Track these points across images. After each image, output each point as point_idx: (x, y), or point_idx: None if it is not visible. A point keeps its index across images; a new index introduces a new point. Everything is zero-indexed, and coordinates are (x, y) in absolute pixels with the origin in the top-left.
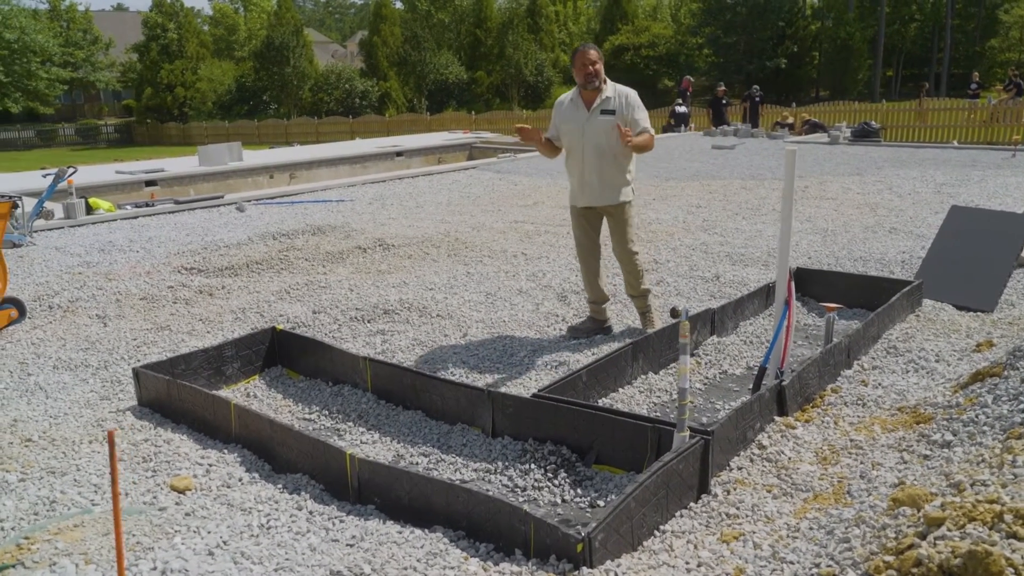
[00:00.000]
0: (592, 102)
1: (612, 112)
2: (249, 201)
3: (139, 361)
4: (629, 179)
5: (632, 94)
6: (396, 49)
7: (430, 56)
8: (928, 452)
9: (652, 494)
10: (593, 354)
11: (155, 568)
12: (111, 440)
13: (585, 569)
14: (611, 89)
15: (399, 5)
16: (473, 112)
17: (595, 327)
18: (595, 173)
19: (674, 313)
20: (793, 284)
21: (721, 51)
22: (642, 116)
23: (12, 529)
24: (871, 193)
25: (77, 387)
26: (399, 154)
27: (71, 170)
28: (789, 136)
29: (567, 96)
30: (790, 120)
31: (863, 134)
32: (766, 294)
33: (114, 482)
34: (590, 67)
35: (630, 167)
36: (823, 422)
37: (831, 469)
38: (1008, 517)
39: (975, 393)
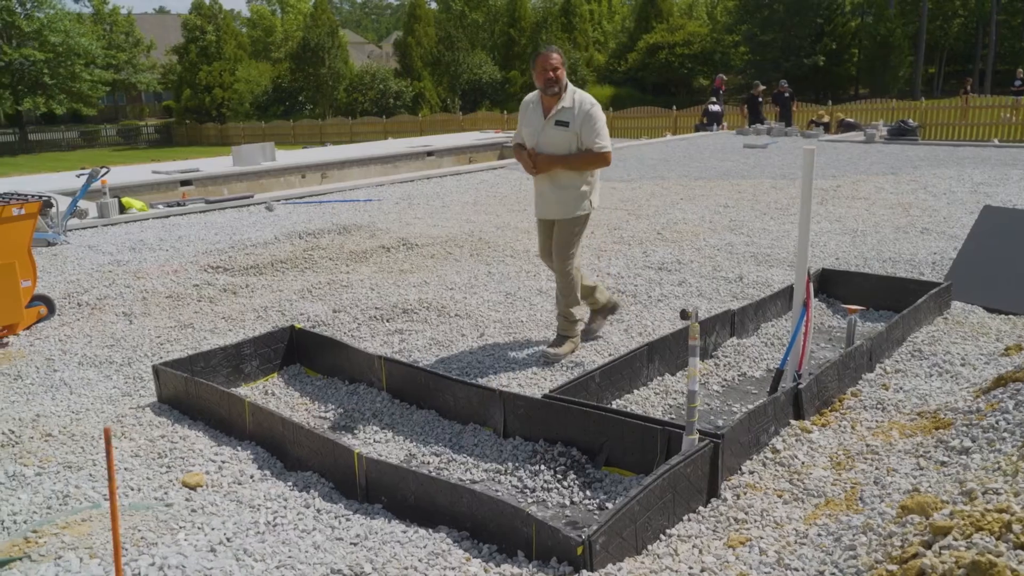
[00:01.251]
0: (550, 110)
1: (566, 124)
2: (278, 200)
3: (161, 358)
4: (585, 191)
5: (592, 107)
6: (430, 49)
7: (464, 56)
8: (946, 458)
9: (658, 497)
10: (610, 355)
11: (153, 564)
12: (107, 437)
13: (585, 572)
14: (570, 99)
15: (433, 5)
16: (505, 112)
17: (602, 317)
18: (548, 184)
19: (684, 315)
20: (812, 285)
21: (757, 49)
22: (591, 132)
23: (24, 522)
24: (905, 193)
25: (101, 383)
26: (430, 154)
27: (104, 170)
28: (824, 135)
29: (532, 97)
30: (825, 119)
31: (900, 132)
32: (789, 295)
33: (111, 479)
34: (551, 72)
35: (588, 178)
36: (840, 426)
37: (845, 474)
38: (1017, 527)
39: (997, 398)
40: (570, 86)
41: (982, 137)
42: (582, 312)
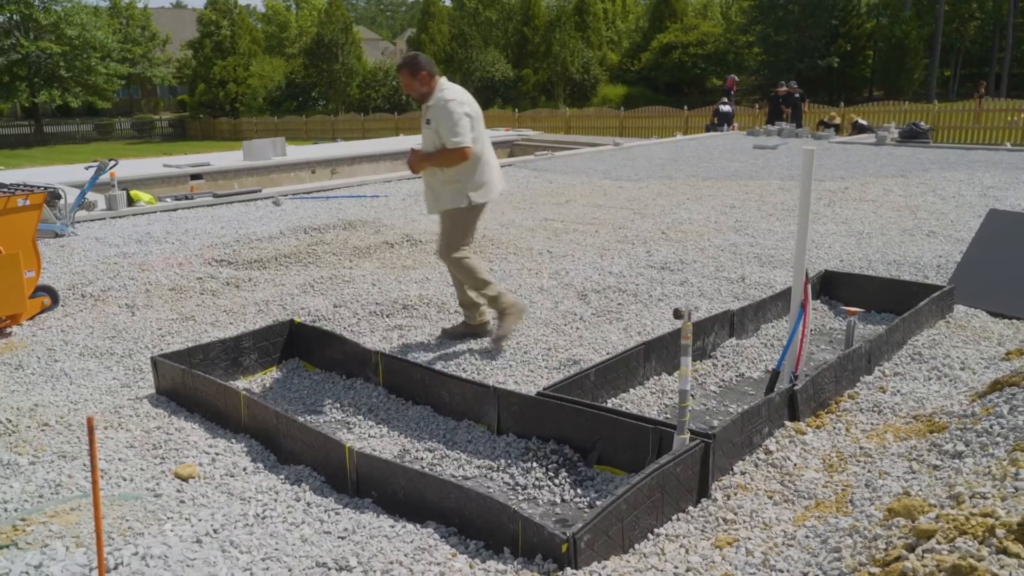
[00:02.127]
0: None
1: (429, 122)
2: (285, 195)
3: (162, 350)
4: (461, 185)
5: (447, 103)
6: (444, 47)
7: (477, 54)
8: (938, 462)
9: (646, 496)
10: (607, 353)
11: (137, 553)
12: (90, 427)
13: (569, 570)
14: (434, 98)
15: (448, 3)
16: (516, 110)
17: (466, 331)
18: (427, 180)
19: (677, 314)
20: (812, 287)
21: (771, 50)
22: (444, 128)
23: (14, 510)
24: (913, 195)
25: (100, 374)
26: None
27: (112, 163)
28: (835, 137)
29: None
30: (837, 120)
31: (911, 135)
32: (790, 296)
33: (93, 469)
34: (403, 85)
35: (464, 173)
36: (835, 428)
37: (837, 477)
38: (1000, 531)
39: (992, 403)
40: (441, 83)
41: (995, 141)
42: (496, 287)
